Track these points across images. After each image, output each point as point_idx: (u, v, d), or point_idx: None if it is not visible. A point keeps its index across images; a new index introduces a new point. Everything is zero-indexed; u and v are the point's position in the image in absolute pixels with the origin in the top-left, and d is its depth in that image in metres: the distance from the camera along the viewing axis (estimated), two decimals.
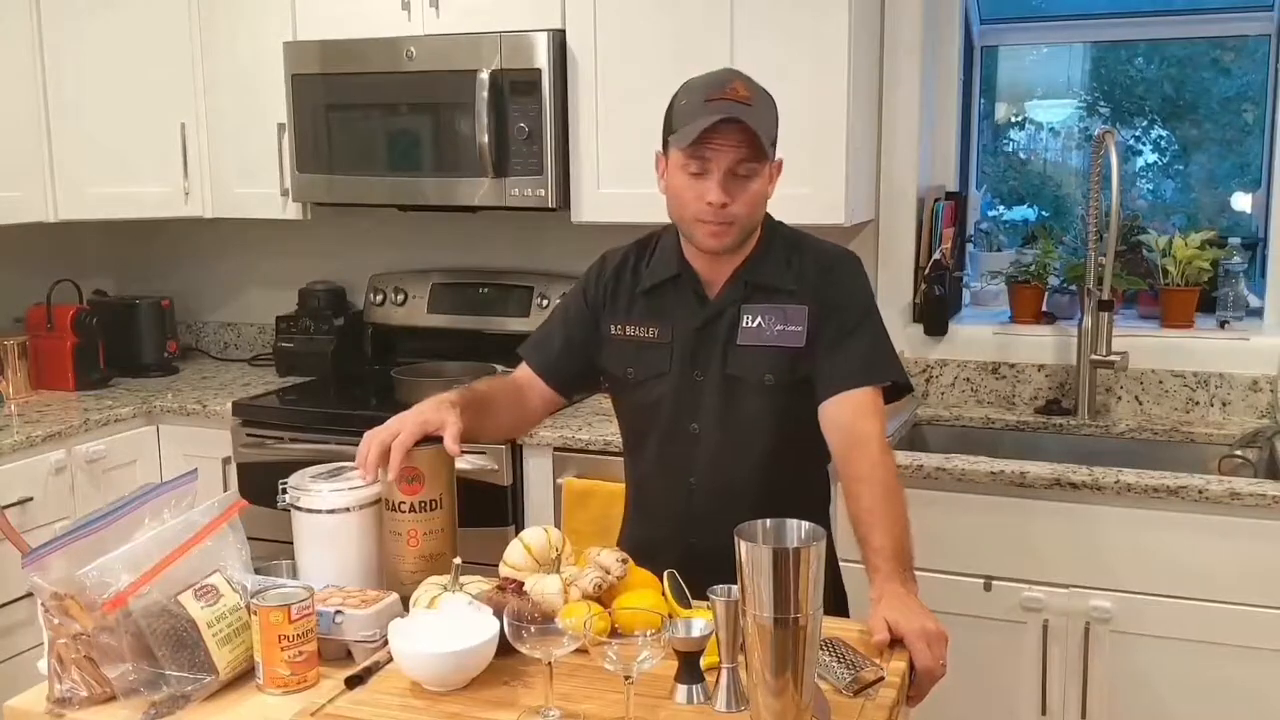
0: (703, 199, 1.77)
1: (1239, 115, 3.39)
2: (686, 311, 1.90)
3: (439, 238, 3.57)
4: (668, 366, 1.90)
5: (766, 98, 1.81)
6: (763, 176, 1.80)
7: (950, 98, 3.23)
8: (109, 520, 1.50)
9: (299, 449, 2.94)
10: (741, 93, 1.75)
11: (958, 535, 2.50)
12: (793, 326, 1.84)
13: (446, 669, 1.44)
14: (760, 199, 1.82)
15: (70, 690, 1.45)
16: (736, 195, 1.77)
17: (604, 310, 1.97)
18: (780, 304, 1.85)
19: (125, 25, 3.29)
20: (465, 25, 3.02)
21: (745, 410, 1.87)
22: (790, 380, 1.85)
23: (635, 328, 1.94)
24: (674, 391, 1.90)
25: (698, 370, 1.89)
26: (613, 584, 1.59)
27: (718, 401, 1.87)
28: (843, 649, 1.53)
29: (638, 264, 1.97)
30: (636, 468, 2.02)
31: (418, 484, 1.72)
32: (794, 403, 1.86)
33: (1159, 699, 2.42)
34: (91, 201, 3.30)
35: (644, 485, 2.01)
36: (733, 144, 1.74)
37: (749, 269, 1.88)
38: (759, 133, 1.74)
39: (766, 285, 1.87)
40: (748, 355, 1.86)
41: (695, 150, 1.75)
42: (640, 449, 1.99)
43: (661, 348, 1.91)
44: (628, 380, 1.95)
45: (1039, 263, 3.15)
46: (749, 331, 1.86)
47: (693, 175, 1.77)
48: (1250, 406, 2.89)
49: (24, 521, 2.72)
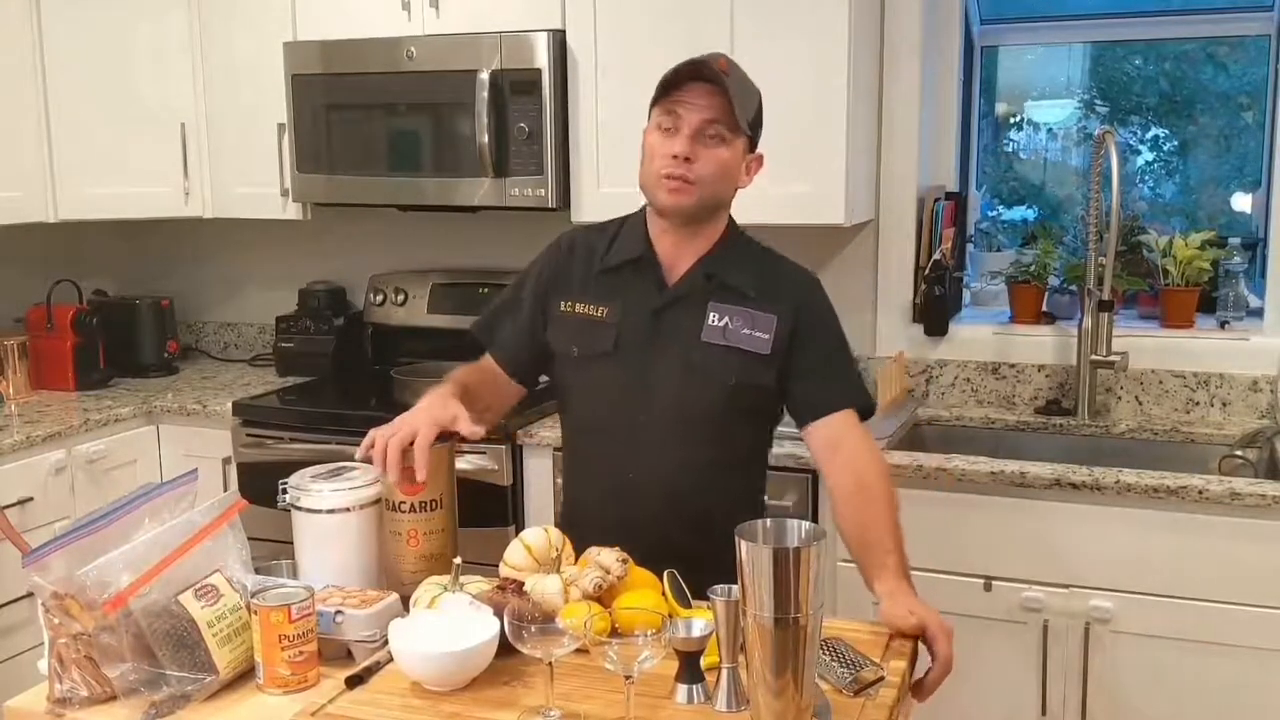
0: (669, 152, 1.78)
1: (1237, 111, 3.39)
2: (643, 294, 1.88)
3: (439, 238, 3.57)
4: (612, 346, 1.88)
5: (749, 82, 1.83)
6: (732, 148, 1.80)
7: (950, 98, 3.23)
8: (109, 520, 1.50)
9: (299, 449, 2.95)
10: (723, 65, 1.78)
11: (958, 535, 2.50)
12: (760, 333, 1.84)
13: (447, 669, 1.44)
14: (725, 170, 1.81)
15: (70, 690, 1.45)
16: (702, 156, 1.78)
17: (555, 289, 1.95)
18: (748, 308, 1.85)
19: (125, 25, 3.29)
20: (465, 25, 3.02)
21: (701, 407, 1.85)
22: (750, 384, 1.85)
23: (585, 306, 1.91)
24: (622, 376, 1.88)
25: (650, 356, 1.86)
26: (613, 584, 1.59)
27: (672, 395, 1.85)
28: (843, 649, 1.53)
29: (599, 244, 1.95)
30: (571, 454, 2.01)
31: (418, 484, 1.72)
32: (750, 407, 1.88)
33: (1159, 699, 2.42)
34: (91, 201, 3.30)
35: (580, 475, 1.99)
36: (704, 101, 1.76)
37: (711, 261, 1.87)
38: (732, 99, 1.75)
39: (729, 284, 1.86)
40: (713, 353, 1.85)
41: (668, 105, 1.78)
42: (576, 434, 1.98)
43: (608, 327, 1.89)
44: (571, 357, 1.92)
45: (1039, 263, 3.15)
46: (714, 330, 1.85)
47: (664, 132, 1.79)
48: (1250, 407, 2.89)
49: (24, 521, 2.72)
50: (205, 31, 3.35)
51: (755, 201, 2.00)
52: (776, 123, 1.98)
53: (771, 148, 1.92)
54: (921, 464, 2.52)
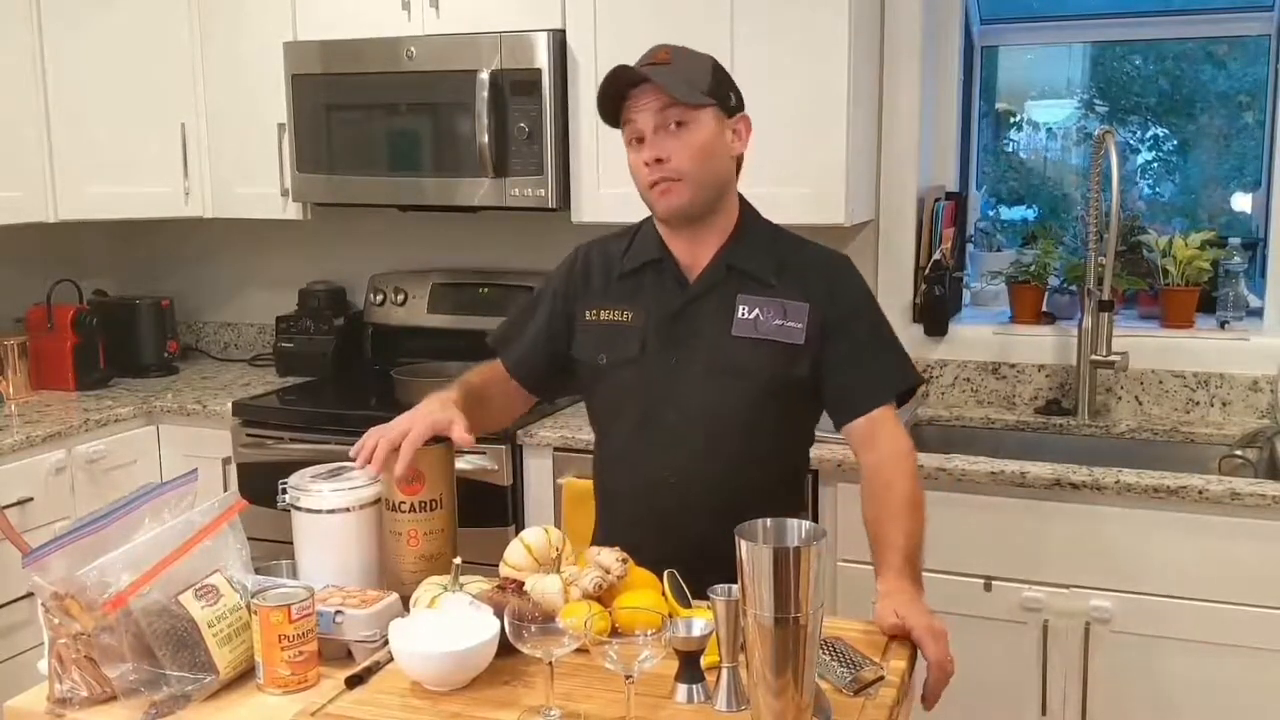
0: (642, 162, 1.78)
1: (1237, 111, 3.39)
2: (664, 295, 1.87)
3: (439, 238, 3.57)
4: (638, 351, 1.85)
5: (693, 56, 1.82)
6: (700, 125, 1.77)
7: (950, 98, 3.23)
8: (109, 520, 1.50)
9: (299, 449, 2.94)
10: (663, 57, 1.78)
11: (958, 535, 2.50)
12: (792, 323, 1.81)
13: (447, 669, 1.44)
14: (704, 150, 1.78)
15: (70, 690, 1.45)
16: (670, 148, 1.76)
17: (578, 299, 1.94)
18: (779, 297, 1.82)
19: (125, 25, 3.29)
20: (465, 25, 3.02)
21: (733, 403, 1.82)
22: (787, 377, 1.82)
23: (609, 311, 1.90)
24: (648, 378, 1.85)
25: (676, 357, 1.84)
26: (613, 584, 1.59)
27: (703, 392, 1.83)
28: (843, 649, 1.53)
29: (616, 251, 1.94)
30: (604, 461, 1.97)
31: (418, 484, 1.72)
32: (788, 400, 1.84)
33: (1159, 699, 2.42)
34: (91, 201, 3.30)
35: (614, 484, 1.95)
36: (649, 101, 1.75)
37: (729, 252, 1.85)
38: (666, 85, 1.73)
39: (751, 272, 1.84)
40: (745, 347, 1.82)
41: (625, 119, 1.79)
42: (610, 443, 1.95)
43: (634, 331, 1.87)
44: (600, 366, 1.90)
45: (1039, 263, 3.14)
46: (745, 323, 1.82)
47: (633, 145, 1.80)
48: (1250, 406, 2.89)
49: (24, 521, 2.71)
50: (205, 31, 3.35)
51: (755, 201, 2.00)
52: (777, 123, 1.99)
53: (772, 148, 1.93)
54: (922, 464, 2.48)
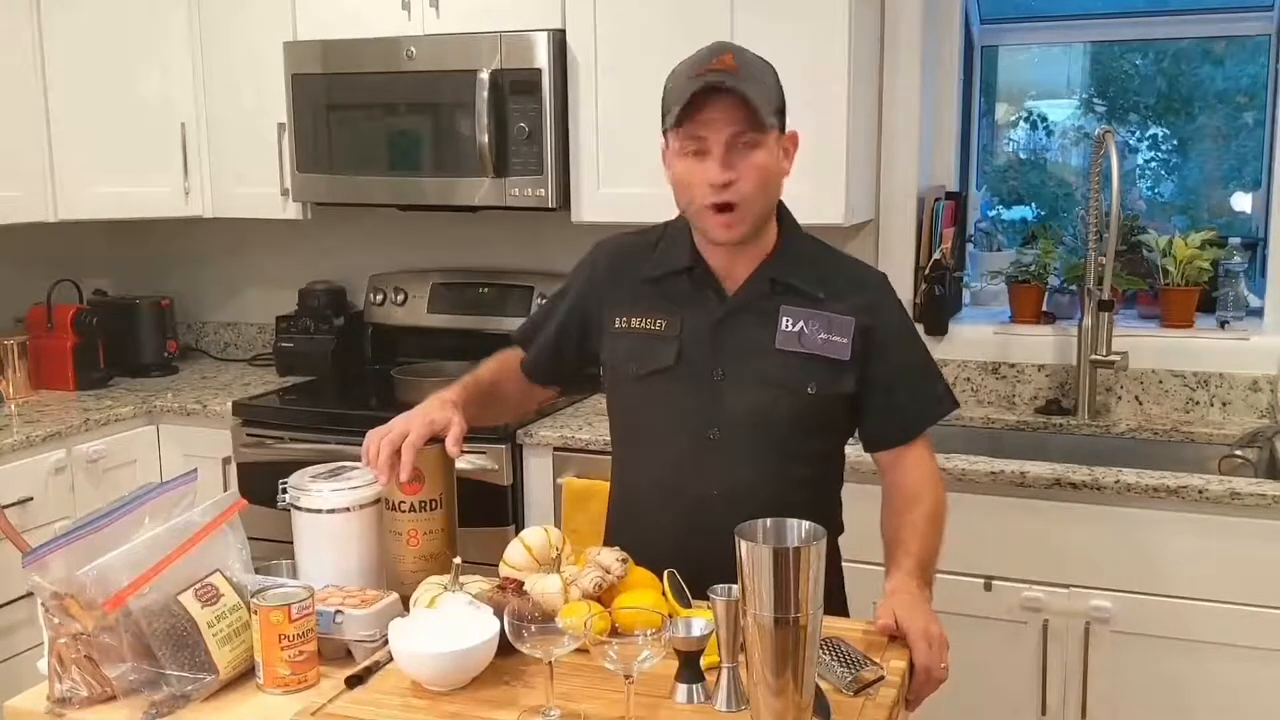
0: (705, 181, 1.67)
1: (1236, 110, 3.39)
2: (701, 306, 1.79)
3: (439, 238, 3.57)
4: (674, 361, 1.79)
5: (762, 65, 1.71)
6: (767, 149, 1.68)
7: (950, 98, 3.23)
8: (109, 520, 1.50)
9: (299, 449, 2.94)
10: (730, 63, 1.65)
11: (958, 535, 2.47)
12: (838, 337, 1.76)
13: (447, 668, 1.44)
14: (768, 175, 1.70)
15: (70, 690, 1.45)
16: (740, 170, 1.66)
17: (606, 303, 1.88)
18: (823, 310, 1.77)
19: (125, 25, 3.29)
20: (465, 25, 3.02)
21: (776, 419, 1.76)
22: (833, 392, 1.77)
23: (641, 320, 1.83)
24: (686, 391, 1.78)
25: (716, 370, 1.78)
26: (613, 584, 1.59)
27: (745, 407, 1.76)
28: (843, 649, 1.53)
29: (642, 252, 1.87)
30: (631, 472, 1.91)
31: (418, 484, 1.72)
32: (833, 414, 1.81)
33: (1159, 699, 2.42)
34: (91, 201, 3.30)
35: (641, 492, 1.87)
36: (725, 116, 1.64)
37: (772, 266, 1.79)
38: (751, 98, 1.63)
39: (796, 287, 1.77)
40: (790, 361, 1.76)
41: (689, 129, 1.66)
42: (638, 451, 1.89)
43: (669, 341, 1.79)
44: (631, 375, 1.84)
45: (1039, 263, 3.15)
46: (790, 336, 1.76)
47: (693, 157, 1.68)
48: (1250, 406, 2.89)
49: (24, 521, 2.71)
50: (205, 31, 3.35)
51: None
52: None
53: None
54: None
